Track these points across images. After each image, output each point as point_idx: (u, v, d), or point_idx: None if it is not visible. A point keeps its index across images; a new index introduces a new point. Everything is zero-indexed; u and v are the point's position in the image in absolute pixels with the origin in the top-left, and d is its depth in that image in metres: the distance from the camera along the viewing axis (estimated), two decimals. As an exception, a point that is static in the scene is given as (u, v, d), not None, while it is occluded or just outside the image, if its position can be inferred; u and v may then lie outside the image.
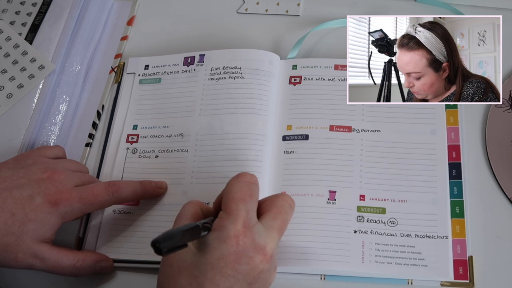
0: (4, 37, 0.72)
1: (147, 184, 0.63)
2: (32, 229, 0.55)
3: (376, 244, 0.59)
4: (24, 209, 0.55)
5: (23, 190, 0.56)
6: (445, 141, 0.64)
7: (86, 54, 0.74)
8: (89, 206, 0.59)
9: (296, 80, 0.69)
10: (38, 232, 0.56)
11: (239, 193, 0.52)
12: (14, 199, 0.55)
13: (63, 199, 0.57)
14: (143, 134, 0.68)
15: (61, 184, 0.57)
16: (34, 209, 0.55)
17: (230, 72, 0.69)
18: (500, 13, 0.69)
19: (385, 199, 0.61)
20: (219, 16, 0.77)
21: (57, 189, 0.57)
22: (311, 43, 0.73)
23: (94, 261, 0.59)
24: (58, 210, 0.56)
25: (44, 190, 0.56)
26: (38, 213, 0.56)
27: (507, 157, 0.63)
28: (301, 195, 0.62)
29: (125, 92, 0.71)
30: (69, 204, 0.57)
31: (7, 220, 0.55)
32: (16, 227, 0.55)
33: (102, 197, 0.59)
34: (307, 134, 0.65)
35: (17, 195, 0.56)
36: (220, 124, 0.66)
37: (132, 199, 0.62)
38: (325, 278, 0.60)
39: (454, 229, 0.60)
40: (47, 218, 0.56)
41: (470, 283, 0.58)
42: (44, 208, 0.56)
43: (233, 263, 0.50)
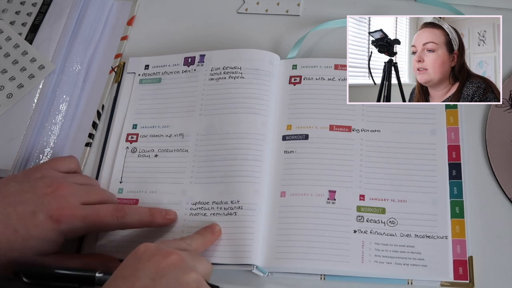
0: (4, 37, 0.72)
1: (156, 213, 0.61)
2: (35, 246, 0.55)
3: (376, 244, 0.59)
4: (26, 225, 0.55)
5: (27, 205, 0.56)
6: (445, 141, 0.64)
7: (86, 54, 0.74)
8: (92, 227, 0.58)
9: (296, 80, 0.69)
10: (41, 248, 0.55)
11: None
12: (17, 215, 0.55)
13: (65, 216, 0.56)
14: (142, 134, 0.68)
15: (64, 200, 0.57)
16: (36, 226, 0.55)
17: (230, 72, 0.69)
18: (500, 13, 0.69)
19: (385, 199, 0.61)
20: (219, 16, 0.77)
21: (59, 205, 0.56)
22: (311, 43, 0.73)
23: (100, 263, 0.59)
24: (60, 227, 0.56)
25: (47, 206, 0.56)
26: (40, 230, 0.55)
27: (507, 157, 0.63)
28: (300, 194, 0.62)
29: (125, 91, 0.71)
30: (71, 222, 0.56)
31: (10, 236, 0.54)
32: (19, 243, 0.54)
33: (106, 221, 0.58)
34: (307, 134, 0.65)
35: (20, 211, 0.55)
36: (220, 124, 0.66)
37: (138, 226, 0.61)
38: (325, 278, 0.60)
39: (454, 229, 0.59)
40: (49, 235, 0.56)
41: (470, 284, 0.57)
42: (46, 224, 0.55)
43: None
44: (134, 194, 0.65)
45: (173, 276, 0.49)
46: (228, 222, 0.61)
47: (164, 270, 0.49)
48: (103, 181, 0.66)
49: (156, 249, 0.51)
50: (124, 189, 0.65)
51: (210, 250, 0.60)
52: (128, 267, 0.49)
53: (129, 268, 0.49)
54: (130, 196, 0.65)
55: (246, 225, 0.60)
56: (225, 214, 0.61)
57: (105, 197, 0.62)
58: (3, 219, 0.55)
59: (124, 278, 0.48)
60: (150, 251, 0.50)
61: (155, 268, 0.49)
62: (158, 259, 0.50)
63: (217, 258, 0.59)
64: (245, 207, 0.61)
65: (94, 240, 0.62)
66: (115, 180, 0.66)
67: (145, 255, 0.50)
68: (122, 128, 0.69)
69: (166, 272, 0.49)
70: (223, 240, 0.60)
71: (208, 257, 0.59)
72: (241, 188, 0.62)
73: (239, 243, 0.60)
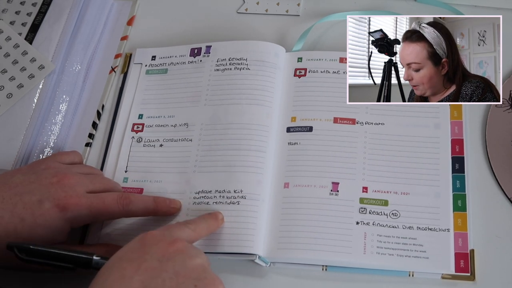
0: (4, 37, 0.72)
1: (160, 202, 0.61)
2: (42, 234, 0.55)
3: (378, 235, 0.59)
4: (33, 214, 0.55)
5: (33, 195, 0.56)
6: (448, 135, 0.64)
7: (86, 54, 0.74)
8: (98, 215, 0.59)
9: (301, 72, 0.69)
10: (48, 237, 0.56)
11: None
12: (24, 204, 0.55)
13: (71, 204, 0.56)
14: (148, 124, 0.68)
15: (71, 189, 0.57)
16: (43, 214, 0.55)
17: (236, 63, 0.69)
18: (500, 13, 0.69)
19: (387, 191, 0.62)
20: (219, 16, 0.77)
21: (66, 194, 0.57)
22: (316, 36, 0.73)
23: (106, 252, 0.59)
24: (66, 215, 0.56)
25: (53, 195, 0.56)
26: (47, 218, 0.56)
27: (507, 157, 0.63)
28: (304, 186, 0.62)
29: (132, 82, 0.72)
30: (77, 210, 0.57)
31: (17, 225, 0.55)
32: (26, 232, 0.55)
33: (112, 209, 0.58)
34: (311, 126, 0.65)
35: (27, 200, 0.56)
36: (224, 115, 0.66)
37: (143, 214, 0.61)
38: (326, 269, 0.60)
39: (456, 222, 0.60)
40: (56, 223, 0.56)
41: (471, 276, 0.58)
42: (52, 213, 0.56)
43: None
44: (139, 183, 0.65)
45: (179, 259, 0.49)
46: (231, 211, 0.61)
47: (170, 254, 0.49)
48: (108, 169, 0.67)
49: (162, 236, 0.51)
50: (129, 178, 0.66)
51: (213, 239, 0.60)
52: (134, 250, 0.50)
53: (136, 252, 0.50)
54: (135, 185, 0.65)
55: (249, 214, 0.61)
56: (228, 203, 0.61)
57: (109, 186, 0.62)
58: (9, 208, 0.55)
59: (130, 260, 0.49)
60: (156, 237, 0.51)
61: (162, 252, 0.49)
62: (164, 245, 0.50)
63: (219, 247, 0.60)
64: (248, 197, 0.61)
65: (99, 228, 0.63)
66: (121, 169, 0.66)
67: (151, 241, 0.51)
68: (128, 118, 0.69)
69: (172, 256, 0.49)
70: (226, 229, 0.60)
71: (211, 246, 0.60)
72: (245, 177, 0.62)
73: (241, 233, 0.60)
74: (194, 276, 0.49)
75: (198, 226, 0.57)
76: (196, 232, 0.56)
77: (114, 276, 0.47)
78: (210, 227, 0.59)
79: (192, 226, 0.56)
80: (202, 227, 0.58)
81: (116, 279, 0.47)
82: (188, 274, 0.49)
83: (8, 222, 0.55)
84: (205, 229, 0.58)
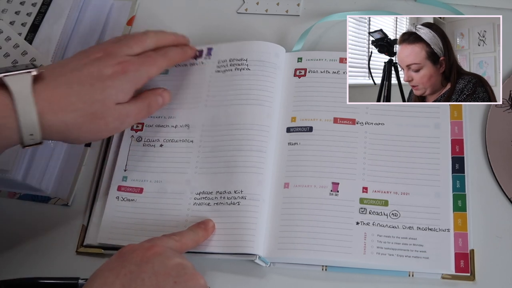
0: (4, 37, 0.71)
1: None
2: (113, 93, 0.58)
3: (378, 236, 0.59)
4: (101, 77, 0.58)
5: (100, 62, 0.59)
6: (448, 135, 0.64)
7: (86, 54, 0.74)
8: (150, 68, 0.62)
9: (301, 72, 0.69)
10: (118, 96, 0.59)
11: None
12: (89, 72, 0.58)
13: (129, 65, 0.60)
14: (148, 123, 0.68)
15: (121, 57, 0.60)
16: (110, 77, 0.58)
17: (236, 64, 0.69)
18: (500, 13, 0.69)
19: (387, 191, 0.62)
20: (219, 16, 0.77)
21: (122, 59, 0.60)
22: (316, 36, 0.73)
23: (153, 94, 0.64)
24: (128, 76, 0.59)
25: (109, 63, 0.59)
26: (114, 80, 0.58)
27: (507, 157, 0.63)
28: (304, 186, 0.62)
29: (132, 82, 0.72)
30: (136, 69, 0.60)
31: (88, 90, 0.57)
32: (99, 94, 0.57)
33: (158, 65, 0.63)
34: (311, 126, 0.65)
35: (92, 69, 0.59)
36: (225, 115, 0.66)
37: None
38: (326, 269, 0.60)
39: (456, 223, 0.60)
40: (122, 84, 0.59)
41: (471, 276, 0.58)
42: (117, 75, 0.59)
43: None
44: (138, 182, 0.65)
45: (158, 260, 0.52)
46: (231, 211, 0.61)
47: (148, 258, 0.52)
48: (107, 168, 0.67)
49: (139, 245, 0.54)
50: (128, 177, 0.66)
51: (213, 240, 0.60)
52: (113, 261, 0.52)
53: (115, 262, 0.52)
54: (134, 185, 0.65)
55: (249, 215, 0.61)
56: (229, 204, 0.62)
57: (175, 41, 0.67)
58: (77, 74, 0.58)
59: (111, 269, 0.51)
60: (134, 247, 0.53)
61: (140, 257, 0.52)
62: (141, 251, 0.52)
63: (220, 247, 0.60)
64: (248, 197, 0.61)
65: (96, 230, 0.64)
66: (120, 167, 0.66)
67: (129, 250, 0.53)
68: (128, 117, 0.69)
69: (150, 259, 0.52)
70: (226, 229, 0.61)
71: (211, 246, 0.60)
72: (245, 178, 0.62)
73: (242, 233, 0.60)
74: (173, 274, 0.51)
75: (184, 237, 0.58)
76: (182, 242, 0.57)
77: (97, 284, 0.50)
78: (198, 238, 0.60)
79: (177, 237, 0.58)
80: (188, 238, 0.59)
81: (99, 286, 0.50)
82: (167, 272, 0.51)
83: (79, 89, 0.57)
84: (191, 240, 0.59)
